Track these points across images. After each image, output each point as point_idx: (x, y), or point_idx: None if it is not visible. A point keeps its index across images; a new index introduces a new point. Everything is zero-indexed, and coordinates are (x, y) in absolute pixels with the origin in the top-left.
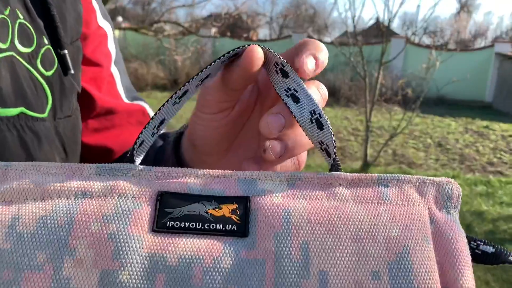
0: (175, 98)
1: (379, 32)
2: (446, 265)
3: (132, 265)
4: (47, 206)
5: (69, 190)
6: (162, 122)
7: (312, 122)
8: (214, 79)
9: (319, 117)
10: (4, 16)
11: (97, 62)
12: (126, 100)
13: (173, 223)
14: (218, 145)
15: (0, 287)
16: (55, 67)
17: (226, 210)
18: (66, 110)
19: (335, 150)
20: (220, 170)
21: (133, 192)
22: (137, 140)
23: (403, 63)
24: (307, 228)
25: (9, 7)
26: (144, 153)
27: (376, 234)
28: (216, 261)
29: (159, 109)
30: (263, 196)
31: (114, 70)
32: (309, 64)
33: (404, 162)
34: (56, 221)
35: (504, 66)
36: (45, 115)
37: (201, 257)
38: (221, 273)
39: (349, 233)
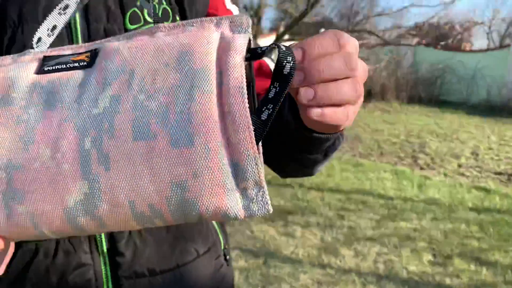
0: None
1: None
2: (223, 57)
3: (20, 88)
4: None
5: None
6: (66, 7)
7: None
8: None
9: None
10: (154, 3)
11: None
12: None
13: (48, 68)
14: None
15: None
16: None
17: (82, 56)
18: None
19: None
20: (88, 43)
21: (29, 58)
22: (46, 24)
23: None
24: (126, 51)
25: None
26: (51, 39)
27: (172, 44)
28: (70, 78)
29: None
30: (108, 46)
31: None
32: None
33: None
34: None
35: None
36: None
37: (61, 78)
38: (72, 83)
39: (153, 46)
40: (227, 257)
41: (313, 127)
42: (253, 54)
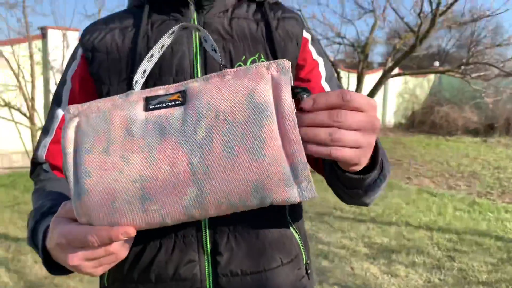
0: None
1: None
2: (277, 94)
3: (137, 123)
4: (106, 113)
5: (104, 106)
6: (152, 56)
7: None
8: None
9: None
10: (255, 57)
11: (308, 79)
12: None
13: (152, 106)
14: None
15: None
16: None
17: (175, 96)
18: None
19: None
20: (176, 84)
21: (135, 98)
22: (140, 69)
23: None
24: (209, 92)
25: (258, 53)
26: (143, 80)
27: (240, 85)
28: (171, 113)
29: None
30: (192, 87)
31: (324, 84)
32: None
33: None
34: (104, 116)
35: None
36: None
37: (165, 114)
38: (174, 117)
39: (228, 88)
40: (309, 271)
41: (342, 167)
42: (293, 92)
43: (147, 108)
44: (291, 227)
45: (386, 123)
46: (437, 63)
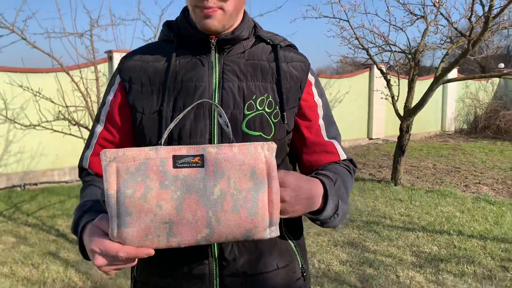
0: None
1: None
2: (269, 171)
3: (169, 178)
4: (142, 165)
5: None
6: (177, 119)
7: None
8: None
9: None
10: (263, 97)
11: (309, 118)
12: (326, 139)
13: (179, 164)
14: None
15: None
16: (279, 118)
17: (196, 159)
18: (280, 136)
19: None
20: (195, 146)
21: (164, 155)
22: (168, 129)
23: None
24: (222, 161)
25: (266, 93)
26: (166, 136)
27: (245, 161)
28: (194, 174)
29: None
30: (208, 152)
31: (321, 122)
32: None
33: None
34: (141, 168)
35: None
36: (270, 137)
37: (190, 173)
38: (196, 177)
39: (236, 161)
40: (305, 274)
41: None
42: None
43: (175, 165)
44: (287, 237)
45: (446, 129)
46: (502, 65)
